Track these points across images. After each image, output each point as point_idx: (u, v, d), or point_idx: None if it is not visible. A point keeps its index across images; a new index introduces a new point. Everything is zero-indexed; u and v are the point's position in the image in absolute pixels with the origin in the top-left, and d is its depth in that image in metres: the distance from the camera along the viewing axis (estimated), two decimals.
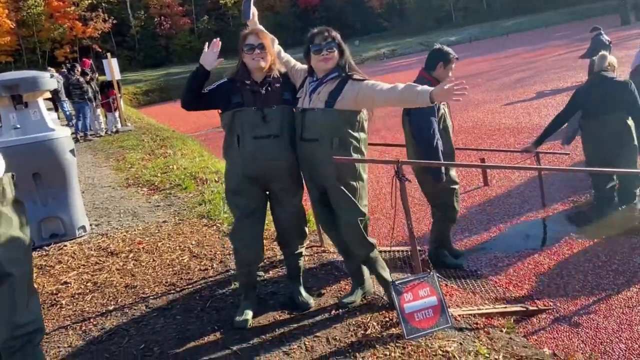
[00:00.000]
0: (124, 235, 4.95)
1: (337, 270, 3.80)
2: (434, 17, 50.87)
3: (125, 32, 49.08)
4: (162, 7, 49.62)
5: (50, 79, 4.82)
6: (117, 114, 13.57)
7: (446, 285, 3.69)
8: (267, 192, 3.08)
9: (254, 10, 3.18)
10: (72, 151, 4.92)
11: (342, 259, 3.90)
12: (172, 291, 3.69)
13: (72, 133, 7.21)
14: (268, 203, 3.15)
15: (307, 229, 3.27)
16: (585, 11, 39.41)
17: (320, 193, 3.07)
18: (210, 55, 2.90)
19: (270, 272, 3.83)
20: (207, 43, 2.97)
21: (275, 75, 2.97)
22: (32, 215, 4.78)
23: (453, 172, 4.15)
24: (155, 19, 49.53)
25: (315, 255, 4.09)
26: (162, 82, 31.81)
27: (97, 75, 14.00)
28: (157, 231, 4.99)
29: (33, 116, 4.78)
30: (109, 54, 13.35)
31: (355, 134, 2.93)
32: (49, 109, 6.42)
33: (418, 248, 3.14)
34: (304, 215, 3.21)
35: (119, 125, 13.53)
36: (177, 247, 4.50)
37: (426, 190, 4.24)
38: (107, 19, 45.27)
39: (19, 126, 4.74)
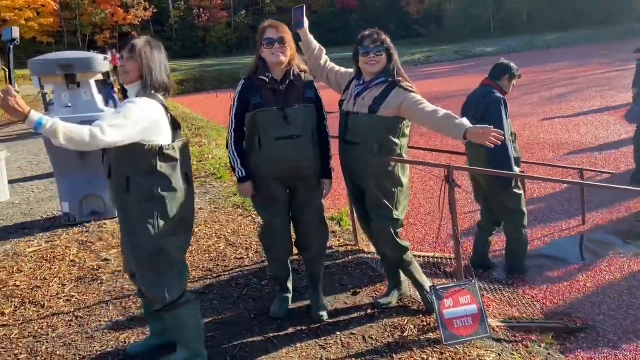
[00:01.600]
0: None
1: (372, 270, 3.80)
2: (472, 27, 50.21)
3: (164, 21, 49.77)
4: None
5: (104, 62, 4.94)
6: None
7: (483, 295, 3.65)
8: (289, 190, 3.00)
9: (306, 20, 3.15)
10: None
11: (378, 259, 3.93)
12: (209, 277, 3.74)
13: None
14: None
15: (328, 232, 3.15)
16: (632, 30, 38.42)
17: (360, 193, 3.09)
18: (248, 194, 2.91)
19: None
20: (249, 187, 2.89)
21: (296, 72, 2.86)
22: (76, 192, 4.94)
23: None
24: (194, 11, 50.07)
25: (350, 254, 4.10)
26: (197, 73, 32.13)
27: None
28: None
29: (84, 96, 4.91)
30: None
31: (396, 140, 2.92)
32: None
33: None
34: (324, 215, 3.10)
35: None
36: (214, 234, 4.57)
37: (495, 198, 4.18)
38: (148, 7, 46.01)
39: (70, 105, 4.87)
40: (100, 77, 5.08)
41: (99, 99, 5.04)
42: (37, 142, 10.20)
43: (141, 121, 2.23)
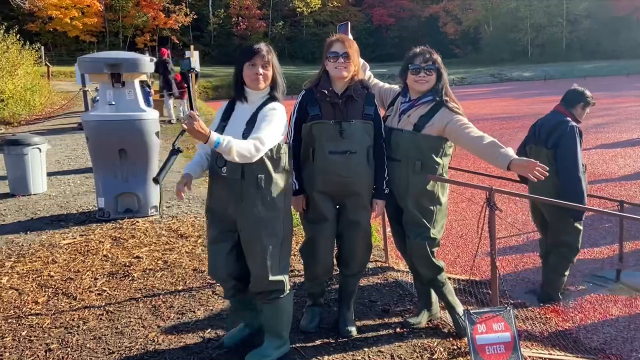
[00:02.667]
0: (193, 221, 5.09)
1: (401, 288, 3.75)
2: (509, 50, 49.83)
3: (203, 28, 50.84)
4: (242, 8, 51.20)
5: (149, 63, 5.06)
6: (185, 102, 14.08)
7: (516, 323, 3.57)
8: (338, 206, 2.97)
9: (350, 36, 3.17)
10: (157, 133, 5.13)
11: (407, 278, 3.88)
12: None
13: None
14: None
15: (370, 252, 3.10)
16: None
17: (397, 210, 3.06)
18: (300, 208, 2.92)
19: (335, 280, 3.82)
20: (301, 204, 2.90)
21: (358, 88, 2.84)
22: (111, 188, 5.04)
23: None
24: (233, 19, 51.07)
25: (380, 271, 4.07)
26: (232, 80, 32.74)
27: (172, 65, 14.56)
28: None
29: (128, 95, 5.03)
30: (192, 46, 13.90)
31: (438, 159, 2.89)
32: None
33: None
34: (370, 235, 3.08)
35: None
36: None
37: (554, 229, 4.05)
38: (188, 13, 47.12)
39: (113, 103, 5.00)
40: (144, 77, 5.20)
41: (141, 98, 5.16)
42: (74, 137, 10.47)
43: (283, 126, 2.51)
